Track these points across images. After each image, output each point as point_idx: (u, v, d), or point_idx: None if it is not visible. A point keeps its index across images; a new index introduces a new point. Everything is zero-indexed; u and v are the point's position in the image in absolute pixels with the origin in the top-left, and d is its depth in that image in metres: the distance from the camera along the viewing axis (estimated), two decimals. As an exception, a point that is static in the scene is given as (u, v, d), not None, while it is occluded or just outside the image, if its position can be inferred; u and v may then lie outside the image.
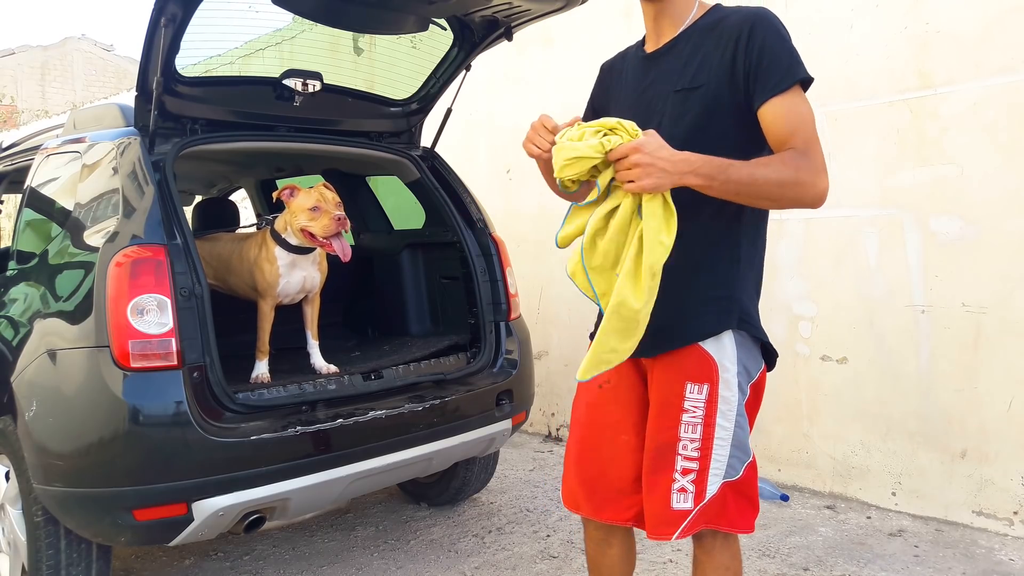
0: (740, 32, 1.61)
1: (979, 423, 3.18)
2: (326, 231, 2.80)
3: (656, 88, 1.74)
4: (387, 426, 2.66)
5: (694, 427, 1.68)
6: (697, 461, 1.69)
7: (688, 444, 1.69)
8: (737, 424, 1.70)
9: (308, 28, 4.49)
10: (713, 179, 1.50)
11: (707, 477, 1.69)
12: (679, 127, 1.66)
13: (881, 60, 3.39)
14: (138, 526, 2.28)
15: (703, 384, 1.68)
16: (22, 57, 20.43)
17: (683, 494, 1.70)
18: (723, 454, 1.70)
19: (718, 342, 1.68)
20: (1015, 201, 3.06)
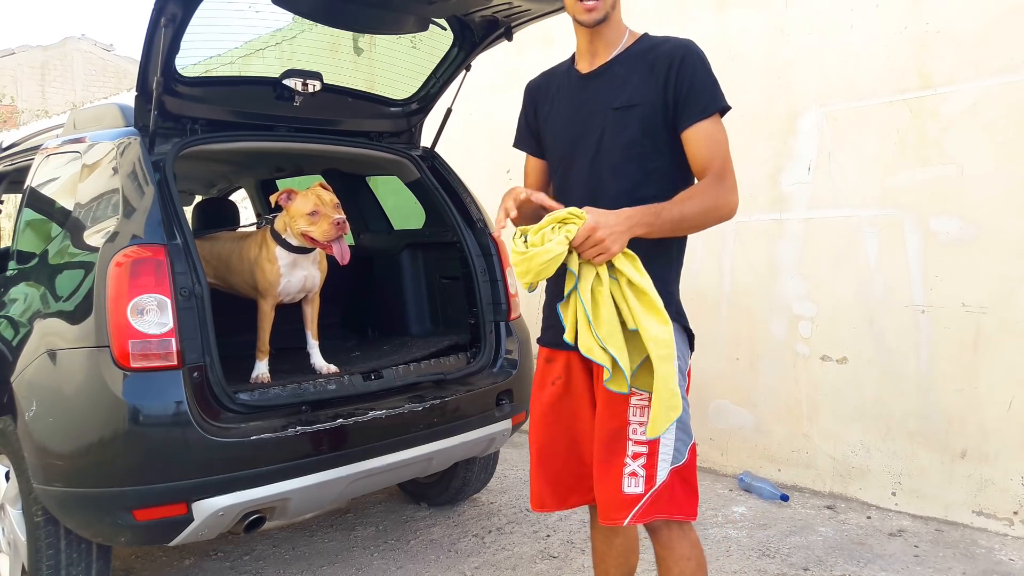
0: (672, 60, 1.81)
1: (979, 423, 3.18)
2: (326, 236, 2.81)
3: (593, 105, 1.90)
4: (387, 426, 2.66)
5: (642, 410, 1.76)
6: (646, 445, 1.76)
7: (637, 428, 1.77)
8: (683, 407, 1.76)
9: (308, 28, 4.49)
10: (652, 225, 1.72)
11: (657, 462, 1.77)
12: (618, 141, 1.85)
13: (881, 60, 3.39)
14: (138, 526, 2.28)
15: None
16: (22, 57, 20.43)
17: (634, 478, 1.76)
18: (670, 437, 1.78)
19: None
20: (1015, 201, 3.06)
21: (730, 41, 3.88)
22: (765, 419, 3.86)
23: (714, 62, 2.10)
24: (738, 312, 3.92)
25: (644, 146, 1.84)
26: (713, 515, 3.47)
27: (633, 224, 1.69)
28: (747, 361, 3.91)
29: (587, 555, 3.11)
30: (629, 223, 1.69)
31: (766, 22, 3.76)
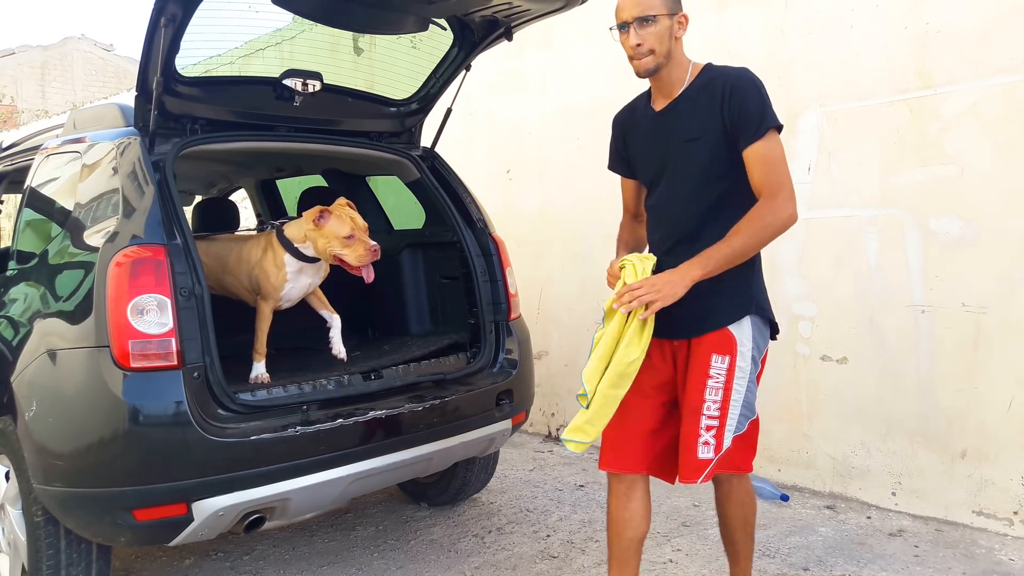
0: (724, 91, 2.10)
1: (979, 423, 3.18)
2: (361, 261, 2.81)
3: (668, 139, 2.21)
4: (387, 426, 2.66)
5: (716, 390, 2.11)
6: (717, 419, 2.11)
7: (711, 405, 2.11)
8: (748, 389, 2.14)
9: (308, 28, 4.49)
10: (705, 268, 2.04)
11: (724, 433, 2.12)
12: (691, 169, 2.16)
13: (881, 60, 3.39)
14: (138, 526, 2.28)
15: (726, 356, 2.11)
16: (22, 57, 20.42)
17: (706, 446, 2.12)
18: (736, 413, 2.13)
19: (739, 325, 2.13)
20: (1015, 201, 3.06)
21: (730, 41, 3.88)
22: (765, 419, 3.83)
23: (714, 61, 2.15)
24: (738, 312, 3.92)
25: (713, 170, 2.13)
26: (713, 515, 3.46)
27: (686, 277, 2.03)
28: (747, 361, 3.91)
29: (587, 555, 3.11)
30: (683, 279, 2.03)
31: (766, 22, 3.76)
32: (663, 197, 2.24)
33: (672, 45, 2.15)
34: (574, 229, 4.64)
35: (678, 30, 2.15)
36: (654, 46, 2.12)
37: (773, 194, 2.04)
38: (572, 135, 4.60)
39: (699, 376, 2.12)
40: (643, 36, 2.11)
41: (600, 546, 3.20)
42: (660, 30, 2.11)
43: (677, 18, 2.14)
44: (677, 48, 2.17)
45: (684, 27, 2.17)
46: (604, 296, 4.80)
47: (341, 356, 2.97)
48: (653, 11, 2.10)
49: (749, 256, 2.10)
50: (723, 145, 2.10)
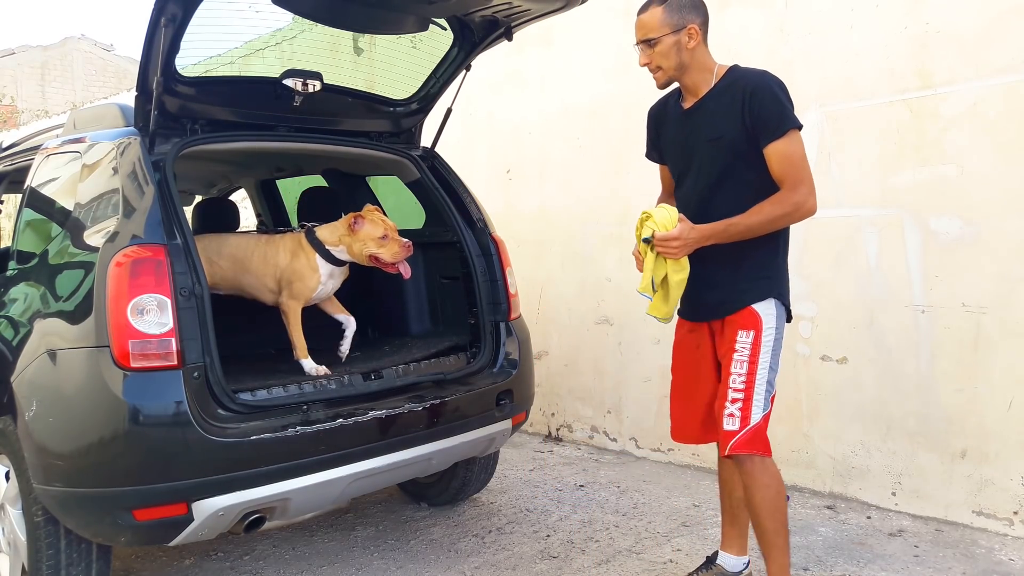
0: (744, 94, 2.26)
1: (979, 423, 3.18)
2: (396, 257, 2.98)
3: (693, 138, 2.40)
4: (387, 426, 2.66)
5: (741, 363, 2.29)
6: (742, 392, 2.27)
7: (737, 378, 2.28)
8: (770, 367, 2.30)
9: (308, 28, 4.49)
10: (721, 236, 2.25)
11: (751, 406, 2.27)
12: (715, 166, 2.34)
13: (881, 60, 3.39)
14: (138, 526, 2.28)
15: (751, 331, 2.30)
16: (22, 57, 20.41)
17: (731, 419, 2.28)
18: (762, 388, 2.28)
19: (763, 304, 2.32)
20: (1015, 201, 3.06)
21: (730, 40, 3.88)
22: (765, 419, 3.86)
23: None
24: (738, 312, 3.92)
25: (736, 167, 2.30)
26: (714, 515, 3.47)
27: (703, 238, 2.24)
28: (747, 361, 3.91)
29: (587, 555, 3.12)
30: (700, 239, 2.24)
31: (766, 22, 3.76)
32: (690, 190, 2.42)
33: (684, 57, 2.31)
34: (574, 229, 4.65)
35: (688, 42, 2.29)
36: (661, 63, 2.32)
37: (794, 186, 2.22)
38: (572, 135, 4.60)
39: (728, 351, 2.33)
40: (650, 56, 2.32)
41: (600, 546, 3.20)
42: (664, 49, 2.30)
43: (685, 32, 2.28)
44: (694, 56, 2.32)
45: (696, 38, 2.30)
46: (604, 296, 4.82)
47: (342, 356, 3.04)
48: (654, 34, 2.30)
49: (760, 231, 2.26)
50: (744, 144, 2.27)
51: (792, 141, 2.23)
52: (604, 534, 3.32)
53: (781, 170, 2.24)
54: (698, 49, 2.32)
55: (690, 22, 2.29)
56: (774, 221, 2.25)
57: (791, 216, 2.25)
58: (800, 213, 2.25)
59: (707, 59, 2.36)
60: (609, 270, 4.46)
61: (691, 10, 2.30)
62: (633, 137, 4.38)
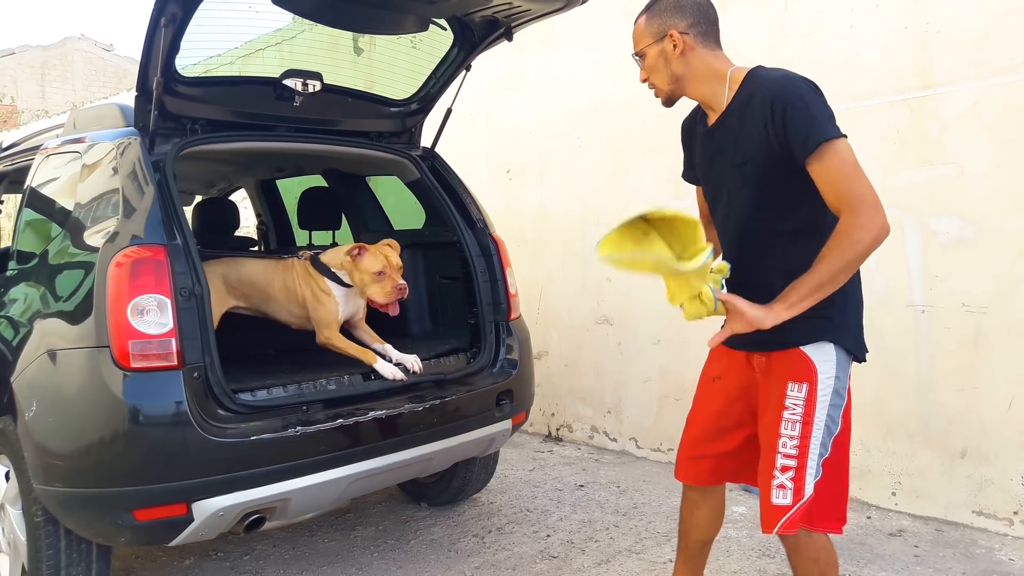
0: (764, 110, 1.85)
1: (979, 423, 3.18)
2: (387, 298, 2.90)
3: (721, 160, 2.02)
4: (387, 426, 2.65)
5: (793, 424, 1.88)
6: (795, 459, 1.87)
7: (788, 442, 1.88)
8: (826, 425, 1.90)
9: (308, 28, 4.49)
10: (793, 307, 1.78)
11: (805, 475, 1.87)
12: (745, 192, 1.95)
13: (881, 60, 3.39)
14: (138, 526, 2.28)
15: (803, 383, 1.88)
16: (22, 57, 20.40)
17: (782, 490, 1.88)
18: (816, 452, 1.88)
19: (818, 348, 1.89)
20: (1015, 201, 3.06)
21: (730, 41, 3.85)
22: (765, 419, 3.86)
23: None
24: (738, 312, 3.92)
25: (769, 190, 1.90)
26: (713, 515, 3.47)
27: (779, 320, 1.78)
28: (747, 361, 3.91)
29: (587, 555, 3.11)
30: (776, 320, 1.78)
31: (766, 22, 3.76)
32: (727, 217, 2.05)
33: (675, 68, 1.98)
34: (574, 229, 4.64)
35: (673, 50, 1.97)
36: (652, 78, 2.04)
37: (852, 208, 1.74)
38: (572, 135, 4.60)
39: (775, 407, 1.91)
40: (643, 71, 2.05)
41: (600, 546, 3.20)
42: (651, 62, 2.01)
43: (668, 40, 1.97)
44: (690, 65, 1.98)
45: (680, 43, 1.96)
46: (604, 296, 4.81)
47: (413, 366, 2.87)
48: (640, 46, 2.03)
49: (841, 282, 1.79)
50: (774, 163, 1.87)
51: (830, 155, 1.77)
52: (604, 534, 3.32)
53: (828, 191, 1.78)
54: (692, 56, 1.97)
55: (671, 27, 1.96)
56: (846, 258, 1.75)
57: (864, 243, 1.73)
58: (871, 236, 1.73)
59: (712, 65, 1.98)
60: (609, 270, 4.46)
61: (673, 13, 1.97)
62: (633, 137, 4.39)
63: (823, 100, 1.86)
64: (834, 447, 1.93)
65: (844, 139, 1.79)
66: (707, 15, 2.01)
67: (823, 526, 1.94)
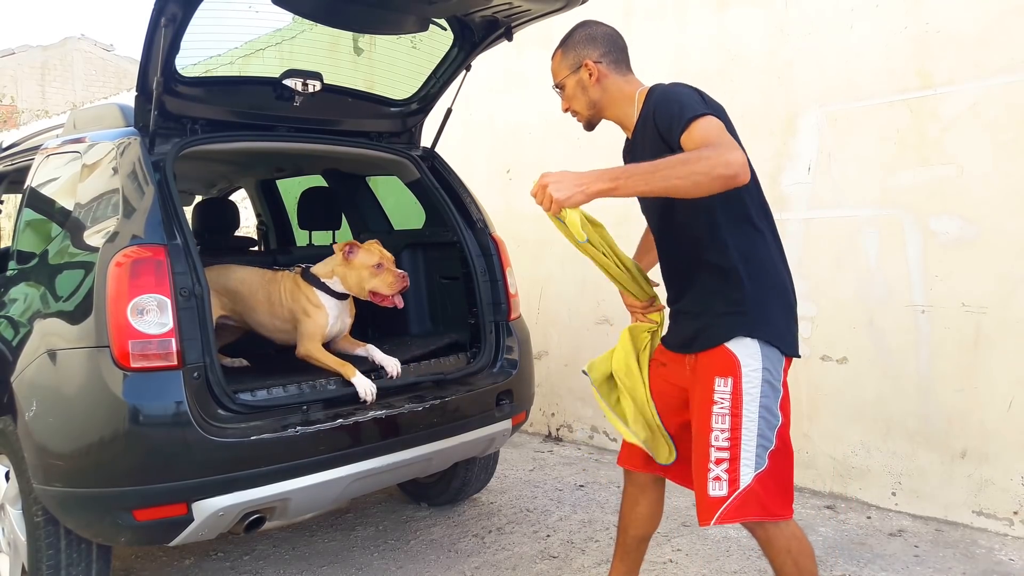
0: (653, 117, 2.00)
1: (979, 423, 3.18)
2: (392, 288, 2.88)
3: None
4: (387, 426, 2.66)
5: (723, 417, 1.95)
6: (728, 451, 1.94)
7: (719, 435, 1.95)
8: (761, 416, 1.95)
9: (308, 28, 4.49)
10: (617, 179, 1.80)
11: (739, 467, 1.93)
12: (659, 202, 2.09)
13: (881, 60, 3.39)
14: (138, 526, 2.28)
15: (728, 377, 1.95)
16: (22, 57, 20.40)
17: (718, 482, 1.94)
18: (752, 443, 1.94)
19: (740, 343, 1.96)
20: (1015, 201, 3.06)
21: (730, 41, 3.88)
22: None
23: (714, 62, 2.13)
24: (738, 312, 3.92)
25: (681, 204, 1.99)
26: (713, 515, 3.47)
27: (591, 179, 1.82)
28: (747, 361, 3.91)
29: (587, 555, 3.11)
30: (585, 177, 1.83)
31: (766, 22, 3.76)
32: (656, 238, 2.23)
33: (592, 94, 2.15)
34: (574, 229, 4.63)
35: (589, 79, 2.14)
36: (572, 106, 2.20)
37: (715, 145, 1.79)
38: (572, 135, 4.59)
39: (704, 402, 1.99)
40: (564, 101, 2.22)
41: (600, 546, 3.20)
42: (571, 91, 2.18)
43: (584, 70, 2.14)
44: (606, 90, 2.15)
45: (595, 72, 2.12)
46: (604, 296, 4.81)
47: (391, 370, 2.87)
48: (559, 78, 2.20)
49: (678, 184, 1.77)
50: None
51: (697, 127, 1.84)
52: (604, 534, 3.31)
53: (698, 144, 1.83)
54: (607, 82, 2.13)
55: (585, 58, 2.13)
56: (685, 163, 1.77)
57: (706, 160, 1.75)
58: (720, 161, 1.75)
59: (624, 89, 2.14)
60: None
61: (586, 45, 2.15)
62: (633, 137, 4.39)
63: (698, 95, 1.96)
64: (779, 438, 1.99)
65: (711, 116, 1.87)
66: (616, 44, 2.18)
67: (778, 513, 1.98)
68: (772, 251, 2.06)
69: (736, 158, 1.77)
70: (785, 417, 2.02)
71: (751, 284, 1.98)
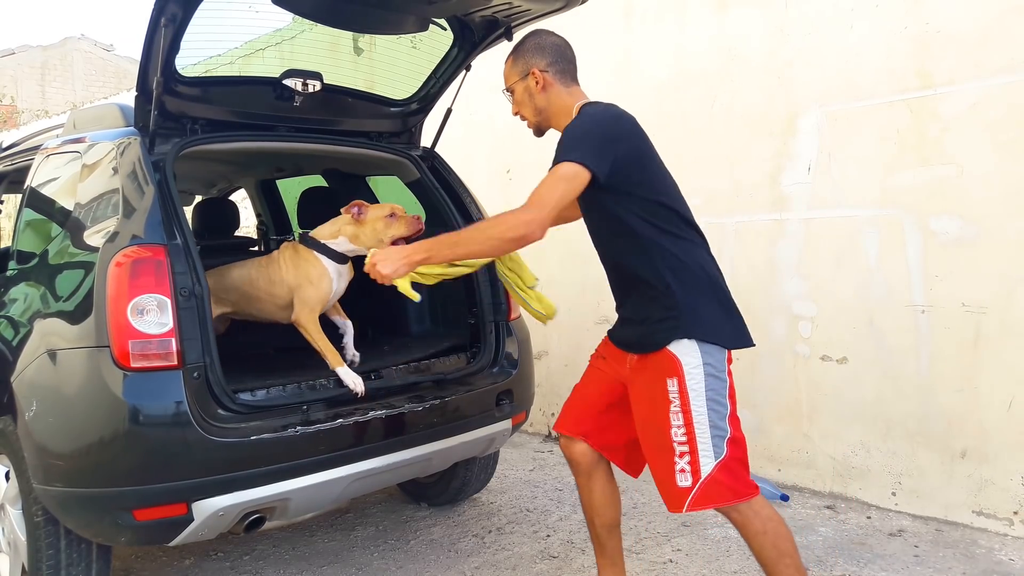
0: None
1: (979, 423, 3.18)
2: (410, 229, 2.82)
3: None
4: (387, 426, 2.66)
5: (677, 415, 2.10)
6: (687, 444, 2.09)
7: (678, 431, 2.10)
8: (711, 409, 2.09)
9: (308, 28, 4.49)
10: (430, 250, 2.10)
11: (699, 458, 2.08)
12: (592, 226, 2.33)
13: (881, 60, 3.39)
14: (138, 526, 2.28)
15: (674, 378, 2.10)
16: (22, 57, 20.40)
17: (683, 474, 2.10)
18: (706, 435, 2.08)
19: (678, 344, 2.11)
20: (1015, 201, 3.06)
21: (730, 41, 3.88)
22: (765, 419, 3.86)
23: (714, 62, 2.14)
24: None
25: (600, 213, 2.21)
26: (714, 515, 3.47)
27: (410, 253, 2.11)
28: (747, 361, 3.91)
29: (587, 555, 3.11)
30: (406, 251, 2.12)
31: (766, 22, 3.76)
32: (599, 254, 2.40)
33: (538, 102, 2.28)
34: (574, 229, 4.63)
35: (536, 87, 2.26)
36: (521, 111, 2.36)
37: (525, 203, 2.04)
38: (572, 135, 4.60)
39: (661, 403, 2.11)
40: (514, 105, 2.36)
41: (600, 546, 3.20)
42: (519, 97, 2.32)
43: (531, 78, 2.26)
44: (550, 100, 2.27)
45: (541, 80, 2.25)
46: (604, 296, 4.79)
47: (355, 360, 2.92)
48: (508, 83, 2.34)
49: (479, 249, 2.14)
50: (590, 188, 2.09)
51: (554, 172, 2.04)
52: (604, 534, 3.31)
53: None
54: (551, 92, 2.26)
55: (532, 66, 2.26)
56: (482, 231, 2.10)
57: (501, 224, 2.03)
58: (507, 225, 2.02)
59: (566, 101, 2.25)
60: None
61: (535, 53, 2.27)
62: (633, 137, 4.38)
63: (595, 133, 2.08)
64: (732, 425, 2.12)
65: (572, 163, 2.03)
66: (564, 55, 2.29)
67: (745, 493, 2.11)
68: (699, 255, 2.19)
69: (527, 219, 2.01)
70: (733, 405, 2.15)
71: (682, 290, 2.12)
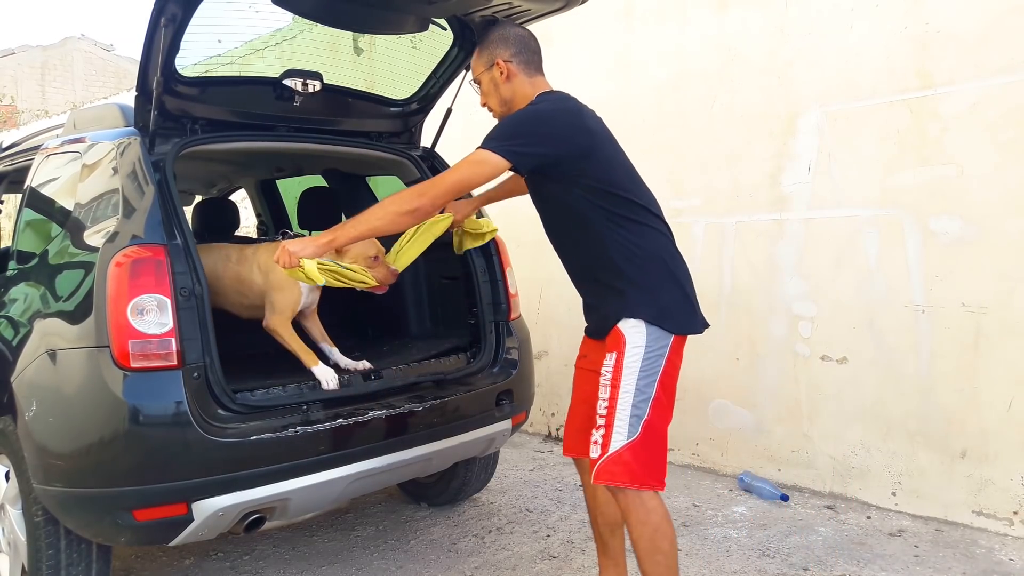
0: None
1: (979, 423, 3.18)
2: (385, 281, 2.78)
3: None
4: (387, 426, 2.66)
5: (605, 388, 2.13)
6: (604, 418, 2.11)
7: (601, 404, 2.13)
8: (638, 389, 2.09)
9: (308, 28, 4.49)
10: (335, 231, 2.24)
11: (612, 433, 2.09)
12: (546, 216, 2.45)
13: (881, 60, 3.39)
14: (138, 526, 2.28)
15: (613, 352, 2.15)
16: (22, 57, 20.39)
17: (595, 446, 2.12)
18: (626, 414, 2.09)
19: (627, 323, 2.15)
20: (1015, 201, 3.06)
21: (730, 41, 3.88)
22: (765, 419, 3.86)
23: (714, 62, 2.15)
24: (738, 312, 3.92)
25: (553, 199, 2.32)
26: (713, 515, 3.47)
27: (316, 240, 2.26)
28: (747, 361, 3.91)
29: (587, 555, 3.11)
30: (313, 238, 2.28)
31: (766, 22, 3.76)
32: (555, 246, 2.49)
33: (503, 92, 2.34)
34: (574, 229, 4.64)
35: (501, 77, 2.32)
36: (487, 102, 2.40)
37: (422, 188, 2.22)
38: (572, 135, 4.60)
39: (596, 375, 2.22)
40: (481, 96, 2.41)
41: (600, 546, 3.20)
42: (485, 87, 2.37)
43: (496, 68, 2.32)
44: (515, 90, 2.33)
45: (505, 70, 2.31)
46: (604, 296, 4.75)
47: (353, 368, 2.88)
48: (475, 74, 2.40)
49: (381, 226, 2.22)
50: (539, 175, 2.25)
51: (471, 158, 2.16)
52: (604, 534, 3.31)
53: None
54: (515, 82, 2.32)
55: (497, 56, 2.32)
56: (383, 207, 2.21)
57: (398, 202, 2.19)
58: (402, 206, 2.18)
59: (528, 91, 2.32)
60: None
61: (499, 44, 2.33)
62: (633, 137, 4.37)
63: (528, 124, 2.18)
64: (652, 410, 2.10)
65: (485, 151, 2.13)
66: (528, 45, 2.35)
67: (647, 483, 2.09)
68: (659, 242, 2.22)
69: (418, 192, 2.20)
70: (670, 391, 2.16)
71: (638, 274, 2.17)
